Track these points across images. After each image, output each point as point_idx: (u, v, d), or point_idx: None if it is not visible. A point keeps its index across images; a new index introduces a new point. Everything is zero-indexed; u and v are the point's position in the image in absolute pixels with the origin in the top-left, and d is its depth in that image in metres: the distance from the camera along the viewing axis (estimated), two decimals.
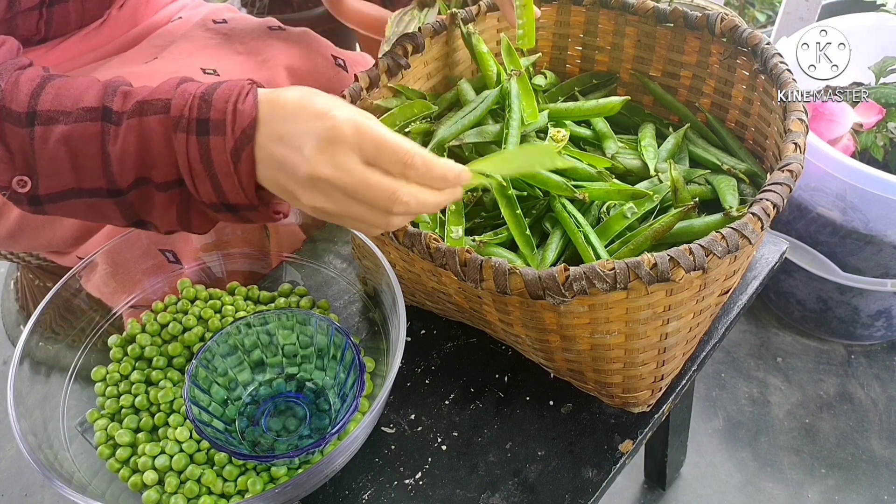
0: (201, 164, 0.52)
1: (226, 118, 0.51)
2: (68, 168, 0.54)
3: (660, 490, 1.16)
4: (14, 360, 0.60)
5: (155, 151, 0.53)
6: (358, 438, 0.57)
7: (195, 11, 0.97)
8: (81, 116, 0.53)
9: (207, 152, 0.51)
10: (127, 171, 0.53)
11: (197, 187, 0.53)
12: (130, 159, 0.53)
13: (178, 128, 0.52)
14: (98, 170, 0.53)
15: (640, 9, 0.80)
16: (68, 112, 0.53)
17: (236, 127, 0.50)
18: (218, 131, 0.51)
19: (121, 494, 0.62)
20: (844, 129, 1.13)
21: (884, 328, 1.30)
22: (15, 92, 0.53)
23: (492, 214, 0.72)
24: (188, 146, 0.52)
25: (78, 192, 0.55)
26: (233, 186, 0.52)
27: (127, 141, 0.52)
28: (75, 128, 0.53)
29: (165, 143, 0.52)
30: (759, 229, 0.55)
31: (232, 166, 0.51)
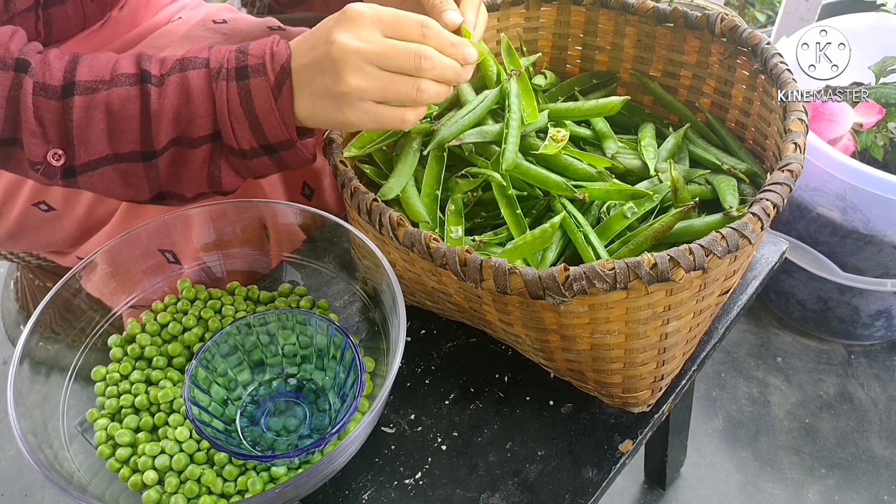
0: (241, 107, 0.56)
1: (264, 61, 0.56)
2: (105, 133, 0.57)
3: (660, 490, 1.17)
4: (14, 360, 0.60)
5: (195, 104, 0.56)
6: (358, 438, 0.57)
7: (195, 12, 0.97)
8: (121, 81, 0.56)
9: (248, 94, 0.56)
10: (164, 130, 0.57)
11: (236, 133, 0.57)
12: (170, 115, 0.56)
13: (218, 77, 0.56)
14: (135, 132, 0.57)
15: (640, 9, 0.80)
16: (107, 80, 0.56)
17: (275, 64, 0.55)
18: (257, 73, 0.56)
19: (121, 494, 0.62)
20: (844, 129, 1.13)
21: (884, 328, 1.30)
22: (46, 68, 0.56)
23: (492, 214, 0.72)
24: (228, 93, 0.56)
25: (112, 159, 0.58)
26: (274, 122, 0.57)
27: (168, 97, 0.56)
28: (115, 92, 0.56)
29: (206, 94, 0.56)
30: (759, 229, 0.55)
31: (273, 102, 0.56)
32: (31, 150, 0.57)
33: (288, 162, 0.61)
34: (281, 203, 0.75)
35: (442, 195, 0.70)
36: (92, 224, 0.86)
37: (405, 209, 0.67)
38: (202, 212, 0.73)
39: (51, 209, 0.85)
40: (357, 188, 0.62)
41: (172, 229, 0.74)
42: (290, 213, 0.76)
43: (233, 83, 0.56)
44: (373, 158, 0.74)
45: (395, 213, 0.59)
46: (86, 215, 0.84)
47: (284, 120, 0.57)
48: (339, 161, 0.65)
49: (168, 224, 0.72)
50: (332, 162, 0.66)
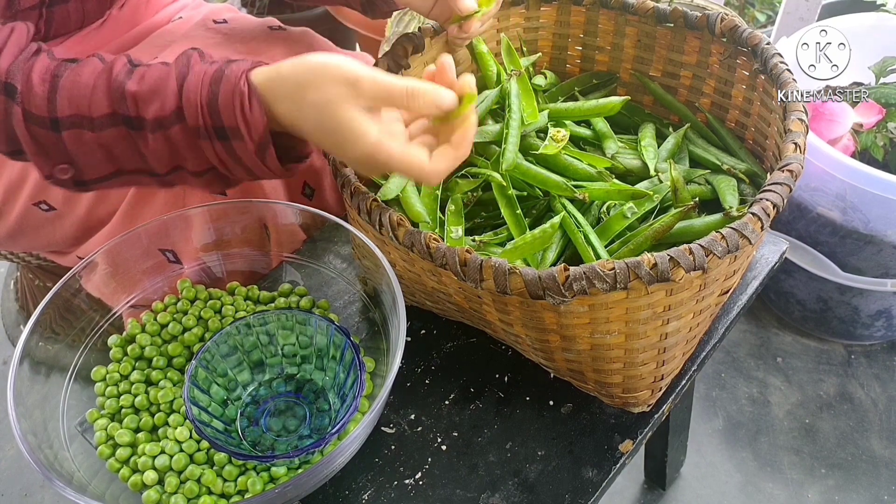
0: (231, 160, 0.57)
1: (238, 127, 0.56)
2: (106, 160, 0.58)
3: (660, 490, 1.16)
4: (14, 360, 0.60)
5: (185, 152, 0.57)
6: (358, 438, 0.57)
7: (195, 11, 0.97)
8: (104, 124, 0.57)
9: (233, 152, 0.57)
10: (162, 164, 0.58)
11: (231, 173, 0.59)
12: (164, 157, 0.58)
13: (199, 135, 0.56)
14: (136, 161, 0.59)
15: (640, 9, 0.80)
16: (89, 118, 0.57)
17: (253, 135, 0.55)
18: (237, 137, 0.56)
19: (121, 494, 0.62)
20: (844, 129, 1.13)
21: (884, 328, 1.30)
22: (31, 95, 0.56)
23: (492, 214, 0.72)
24: (215, 149, 0.57)
25: (120, 173, 0.60)
26: (264, 173, 0.59)
27: (157, 146, 0.57)
28: (104, 134, 0.57)
29: (192, 148, 0.57)
30: (759, 229, 0.55)
31: (260, 161, 0.57)
32: (38, 166, 0.58)
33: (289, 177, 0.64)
34: (281, 203, 0.75)
35: (442, 195, 0.70)
36: (92, 224, 0.86)
37: (405, 209, 0.67)
38: (202, 212, 0.73)
39: (51, 209, 0.85)
40: (357, 188, 0.62)
41: (172, 229, 0.74)
42: (290, 213, 0.76)
43: (217, 143, 0.56)
44: None
45: (395, 213, 0.59)
46: (86, 215, 0.85)
47: (273, 171, 0.58)
48: (339, 161, 0.65)
49: (168, 224, 0.72)
50: (332, 162, 0.66)
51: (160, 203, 0.80)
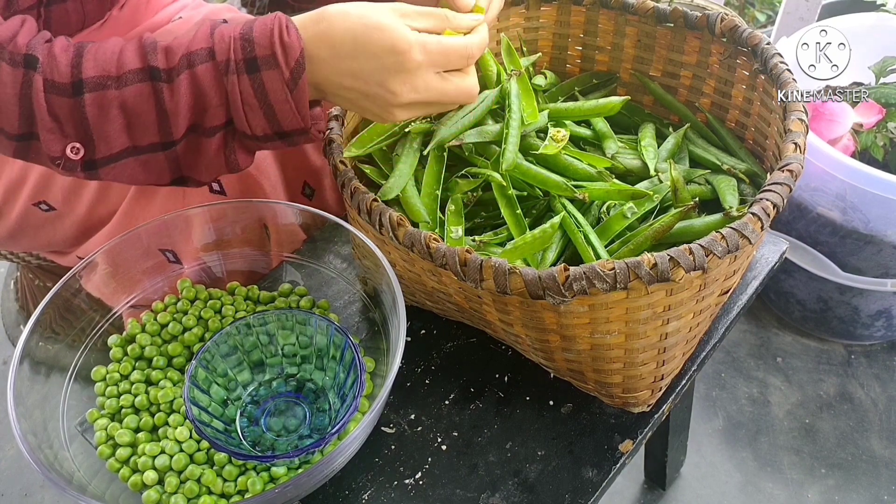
0: (255, 98, 0.56)
1: (274, 52, 0.55)
2: (123, 129, 0.57)
3: (660, 490, 1.16)
4: (14, 360, 0.60)
5: (208, 97, 0.56)
6: (358, 438, 0.57)
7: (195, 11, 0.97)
8: (131, 79, 0.56)
9: (261, 85, 0.56)
10: (181, 122, 0.57)
11: (250, 122, 0.58)
12: (185, 110, 0.57)
13: (227, 71, 0.56)
14: (153, 126, 0.57)
15: (640, 9, 0.80)
16: (115, 76, 0.56)
17: (289, 58, 0.55)
18: (268, 65, 0.55)
19: (121, 494, 0.62)
20: (844, 129, 1.13)
21: (884, 328, 1.30)
22: (53, 63, 0.55)
23: (492, 214, 0.72)
24: (241, 85, 0.56)
25: (133, 151, 0.58)
26: (288, 112, 0.57)
27: (181, 94, 0.56)
28: (128, 91, 0.56)
29: (217, 88, 0.56)
30: (759, 229, 0.55)
31: (288, 94, 0.56)
32: (49, 145, 0.57)
33: (300, 142, 0.62)
34: (281, 203, 0.75)
35: (442, 195, 0.69)
36: (92, 224, 0.86)
37: (405, 209, 0.67)
38: (202, 212, 0.73)
39: (51, 209, 0.85)
40: (357, 188, 0.62)
41: (173, 229, 0.74)
42: (290, 213, 0.76)
43: (244, 76, 0.56)
44: (373, 158, 0.74)
45: (395, 213, 0.59)
46: (86, 215, 0.84)
47: (300, 110, 0.57)
48: (339, 161, 0.65)
49: (168, 224, 0.72)
50: (332, 162, 0.66)
51: (160, 203, 0.80)
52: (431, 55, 0.57)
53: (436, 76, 0.58)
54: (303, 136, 0.60)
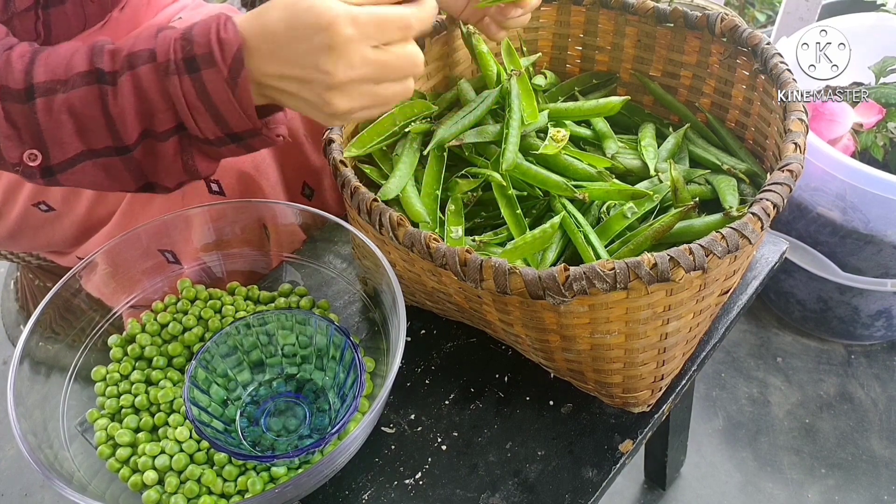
0: (198, 99, 0.54)
1: (212, 50, 0.53)
2: (74, 133, 0.55)
3: (660, 490, 1.16)
4: (14, 360, 0.60)
5: (153, 100, 0.54)
6: (358, 438, 0.57)
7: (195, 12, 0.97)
8: (77, 82, 0.55)
9: (203, 86, 0.53)
10: (130, 127, 0.55)
11: (199, 125, 0.55)
12: (131, 114, 0.55)
13: (168, 72, 0.54)
14: (103, 130, 0.56)
15: (640, 9, 0.80)
16: (63, 80, 0.55)
17: (226, 55, 0.52)
18: (207, 64, 0.53)
19: (121, 494, 0.62)
20: (844, 129, 1.13)
21: (884, 328, 1.30)
22: (9, 70, 0.55)
23: (492, 214, 0.72)
24: (182, 86, 0.53)
25: (88, 154, 0.57)
26: (233, 113, 0.54)
27: (124, 96, 0.54)
28: (74, 94, 0.54)
29: (160, 90, 0.54)
30: (759, 229, 0.55)
31: (230, 93, 0.53)
32: (8, 152, 0.56)
33: (257, 146, 0.59)
34: (281, 203, 0.75)
35: (442, 195, 0.70)
36: (92, 224, 0.86)
37: (405, 209, 0.67)
38: (202, 212, 0.73)
39: (50, 209, 0.85)
40: (357, 188, 0.62)
41: (172, 229, 0.74)
42: (290, 213, 0.76)
43: (185, 77, 0.53)
44: (373, 158, 0.74)
45: (395, 213, 0.59)
46: (86, 215, 0.85)
47: (245, 109, 0.54)
48: (338, 161, 0.65)
49: (168, 224, 0.72)
50: (332, 162, 0.66)
51: (159, 203, 0.80)
52: (363, 27, 0.52)
53: (372, 49, 0.53)
54: (256, 137, 0.57)
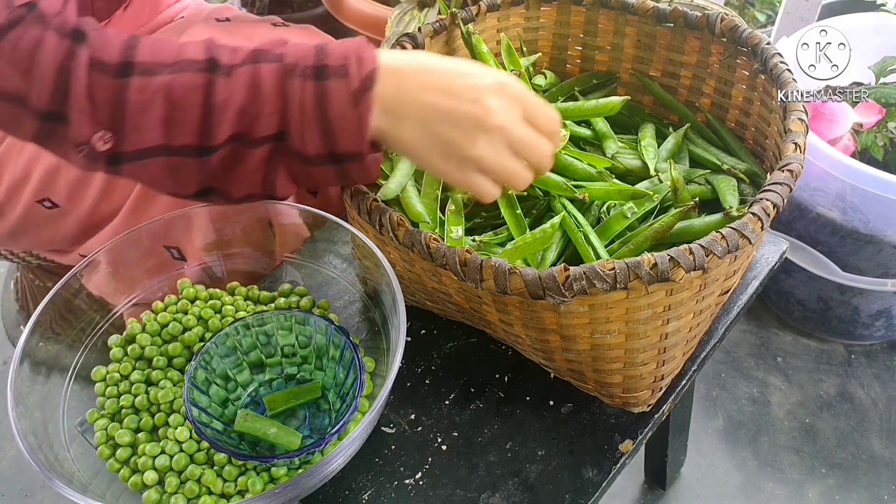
0: (315, 108, 0.52)
1: (346, 63, 0.52)
2: (160, 122, 0.52)
3: (660, 490, 1.17)
4: (14, 360, 0.60)
5: (263, 99, 0.52)
6: (358, 438, 0.57)
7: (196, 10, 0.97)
8: (185, 66, 0.52)
9: (324, 95, 0.52)
10: (225, 124, 0.52)
11: (304, 136, 0.53)
12: (233, 110, 0.52)
13: (293, 74, 0.52)
14: (194, 124, 0.52)
15: (640, 9, 0.80)
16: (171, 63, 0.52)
17: (361, 70, 0.52)
18: (338, 75, 0.52)
19: (121, 494, 0.62)
20: (844, 129, 1.13)
21: (884, 328, 1.30)
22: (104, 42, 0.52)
23: (492, 214, 0.72)
24: (304, 91, 0.52)
25: (163, 150, 0.53)
26: (346, 129, 0.53)
27: (235, 90, 0.52)
28: (178, 77, 0.52)
29: (277, 91, 0.52)
30: (759, 229, 0.55)
31: (351, 108, 0.52)
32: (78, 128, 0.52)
33: (353, 175, 0.57)
34: (280, 203, 0.74)
35: (442, 195, 0.70)
36: (96, 221, 0.86)
37: (405, 209, 0.67)
38: (203, 212, 0.73)
39: (55, 206, 0.85)
40: (357, 188, 0.62)
41: (173, 229, 0.74)
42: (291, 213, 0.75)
43: (309, 82, 0.52)
44: None
45: (395, 213, 0.59)
46: (90, 212, 0.84)
47: (359, 128, 0.53)
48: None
49: (171, 222, 0.72)
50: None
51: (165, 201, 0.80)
52: (532, 97, 0.56)
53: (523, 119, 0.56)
54: (357, 162, 0.55)
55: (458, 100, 0.53)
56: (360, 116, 0.52)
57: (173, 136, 0.53)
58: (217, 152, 0.54)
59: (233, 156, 0.54)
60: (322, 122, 0.53)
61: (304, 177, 0.57)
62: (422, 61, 0.55)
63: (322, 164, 0.55)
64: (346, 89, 0.52)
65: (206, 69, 0.52)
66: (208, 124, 0.52)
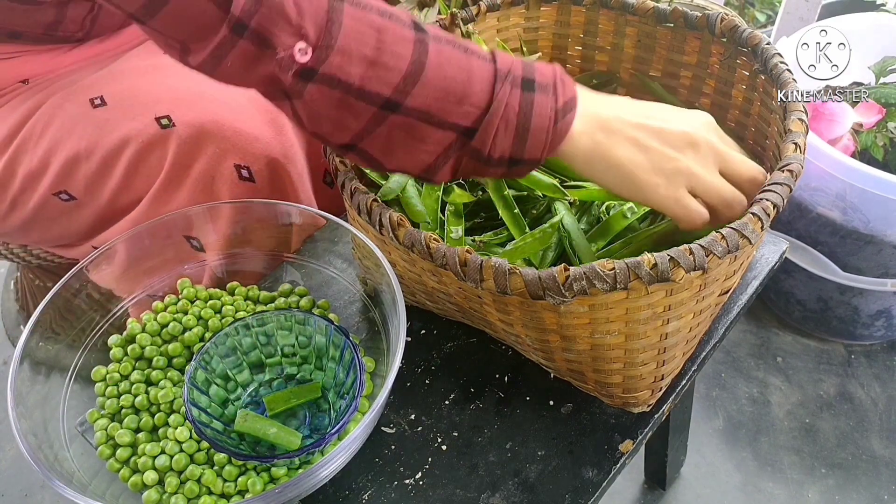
0: (518, 116, 0.52)
1: (554, 82, 0.53)
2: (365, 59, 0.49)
3: (660, 490, 1.17)
4: (14, 360, 0.60)
5: (474, 90, 0.51)
6: (358, 438, 0.57)
7: None
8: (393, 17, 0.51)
9: (529, 104, 0.52)
10: (427, 91, 0.50)
11: (496, 139, 0.52)
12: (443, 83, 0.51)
13: (504, 79, 0.52)
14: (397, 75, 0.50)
15: (640, 9, 0.80)
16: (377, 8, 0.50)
17: (565, 91, 0.53)
18: (544, 91, 0.53)
19: (121, 494, 0.62)
20: (844, 129, 1.13)
21: (884, 328, 1.30)
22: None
23: (492, 214, 0.72)
24: (510, 97, 0.52)
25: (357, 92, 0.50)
26: (540, 141, 0.53)
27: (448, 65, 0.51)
28: (389, 24, 0.50)
29: (487, 87, 0.52)
30: (760, 229, 0.55)
31: (553, 123, 0.53)
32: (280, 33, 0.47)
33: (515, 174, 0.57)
34: (280, 203, 0.74)
35: (443, 195, 0.70)
36: (114, 213, 0.86)
37: (405, 209, 0.67)
38: (203, 212, 0.73)
39: (71, 198, 0.85)
40: (357, 188, 0.62)
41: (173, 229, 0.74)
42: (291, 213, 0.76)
43: (517, 90, 0.52)
44: None
45: (396, 213, 0.59)
46: (108, 204, 0.84)
47: (552, 141, 0.53)
48: (339, 161, 0.65)
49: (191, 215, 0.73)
50: (332, 162, 0.66)
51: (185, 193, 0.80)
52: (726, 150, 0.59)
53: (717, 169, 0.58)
54: (528, 167, 0.55)
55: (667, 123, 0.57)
56: (558, 132, 0.53)
57: (372, 80, 0.50)
58: (402, 115, 0.51)
59: (412, 128, 0.52)
60: (520, 131, 0.53)
61: (469, 171, 0.56)
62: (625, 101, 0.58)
63: (496, 166, 0.55)
64: (553, 105, 0.53)
65: (412, 27, 0.51)
66: (411, 82, 0.50)
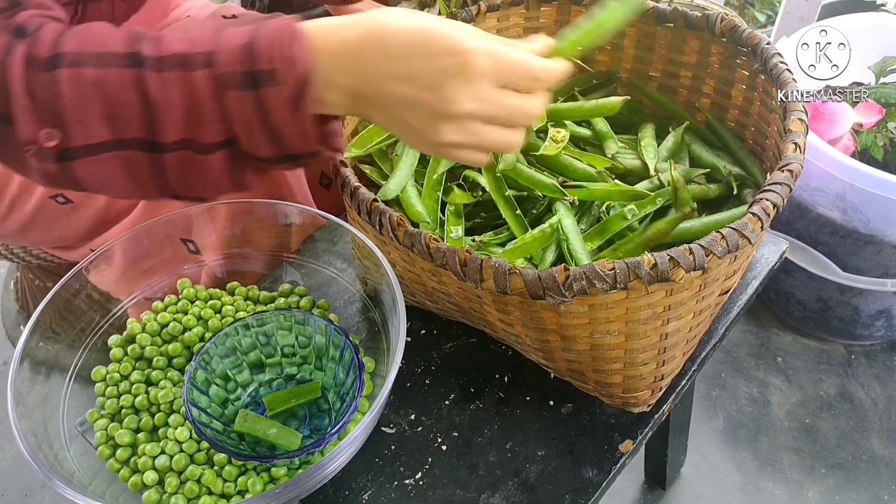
0: (257, 118, 0.50)
1: (276, 67, 0.49)
2: (101, 117, 0.49)
3: (660, 490, 1.16)
4: (14, 360, 0.60)
5: (203, 108, 0.50)
6: (358, 438, 0.57)
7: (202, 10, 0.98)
8: (109, 61, 0.50)
9: (262, 105, 0.49)
10: (172, 124, 0.50)
11: (254, 143, 0.51)
12: (177, 112, 0.50)
13: (227, 85, 0.49)
14: (138, 119, 0.50)
15: None
16: (95, 54, 0.50)
17: (291, 74, 0.48)
18: (270, 82, 0.49)
19: (121, 494, 0.62)
20: (844, 129, 1.13)
21: (884, 328, 1.30)
22: (39, 37, 0.50)
23: (492, 214, 0.72)
24: (241, 103, 0.49)
25: (115, 144, 0.50)
26: (293, 135, 0.51)
27: (172, 92, 0.49)
28: (106, 73, 0.49)
29: (215, 103, 0.50)
30: (759, 229, 0.55)
31: (291, 114, 0.49)
32: (24, 127, 0.49)
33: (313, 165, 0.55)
34: (280, 203, 0.74)
35: (442, 195, 0.70)
36: (110, 216, 0.86)
37: (405, 209, 0.67)
38: (202, 212, 0.73)
39: (68, 202, 0.85)
40: (357, 188, 0.62)
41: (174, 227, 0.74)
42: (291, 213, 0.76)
43: (245, 92, 0.49)
44: (373, 158, 0.74)
45: (396, 213, 0.59)
46: (105, 208, 0.84)
47: (305, 133, 0.51)
48: (339, 161, 0.65)
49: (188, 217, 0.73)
50: (333, 162, 0.66)
51: None
52: (497, 64, 0.49)
53: (497, 88, 0.50)
54: (314, 158, 0.54)
55: (416, 87, 0.49)
56: (301, 121, 0.50)
57: (120, 129, 0.50)
58: (170, 153, 0.51)
59: (189, 163, 0.52)
60: (267, 130, 0.50)
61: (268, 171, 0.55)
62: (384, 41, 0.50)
63: (282, 163, 0.54)
64: (281, 96, 0.49)
65: (130, 64, 0.50)
66: (153, 120, 0.50)
